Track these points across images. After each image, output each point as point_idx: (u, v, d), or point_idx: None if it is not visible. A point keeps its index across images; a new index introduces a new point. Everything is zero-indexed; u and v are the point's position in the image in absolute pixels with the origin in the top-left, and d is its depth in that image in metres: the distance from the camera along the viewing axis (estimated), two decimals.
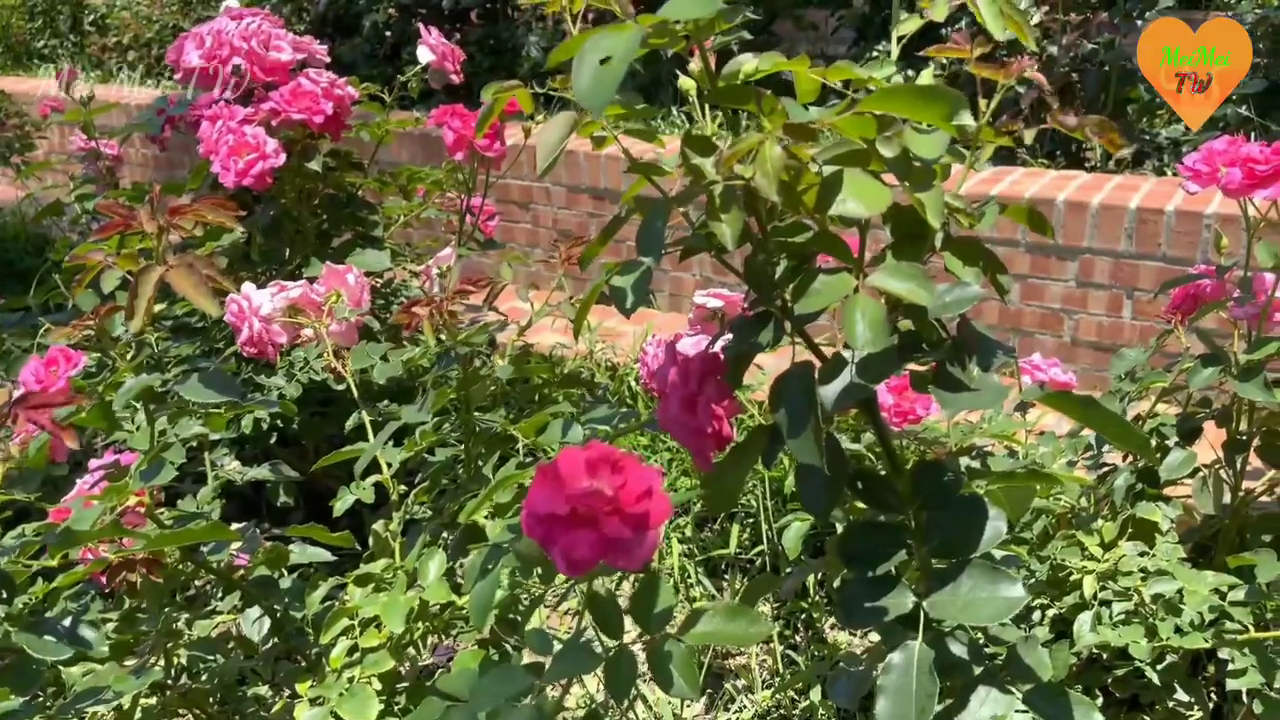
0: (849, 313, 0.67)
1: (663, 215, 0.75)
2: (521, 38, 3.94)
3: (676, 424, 0.80)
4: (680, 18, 0.61)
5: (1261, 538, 1.24)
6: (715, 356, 0.82)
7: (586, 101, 0.58)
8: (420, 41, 1.56)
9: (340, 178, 1.62)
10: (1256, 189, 1.07)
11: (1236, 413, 1.21)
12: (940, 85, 0.65)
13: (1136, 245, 2.37)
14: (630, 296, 0.79)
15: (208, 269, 0.84)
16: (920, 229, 0.76)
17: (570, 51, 0.63)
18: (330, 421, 1.75)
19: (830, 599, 1.62)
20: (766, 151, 0.65)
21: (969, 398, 0.74)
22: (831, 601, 1.62)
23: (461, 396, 0.99)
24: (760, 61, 0.83)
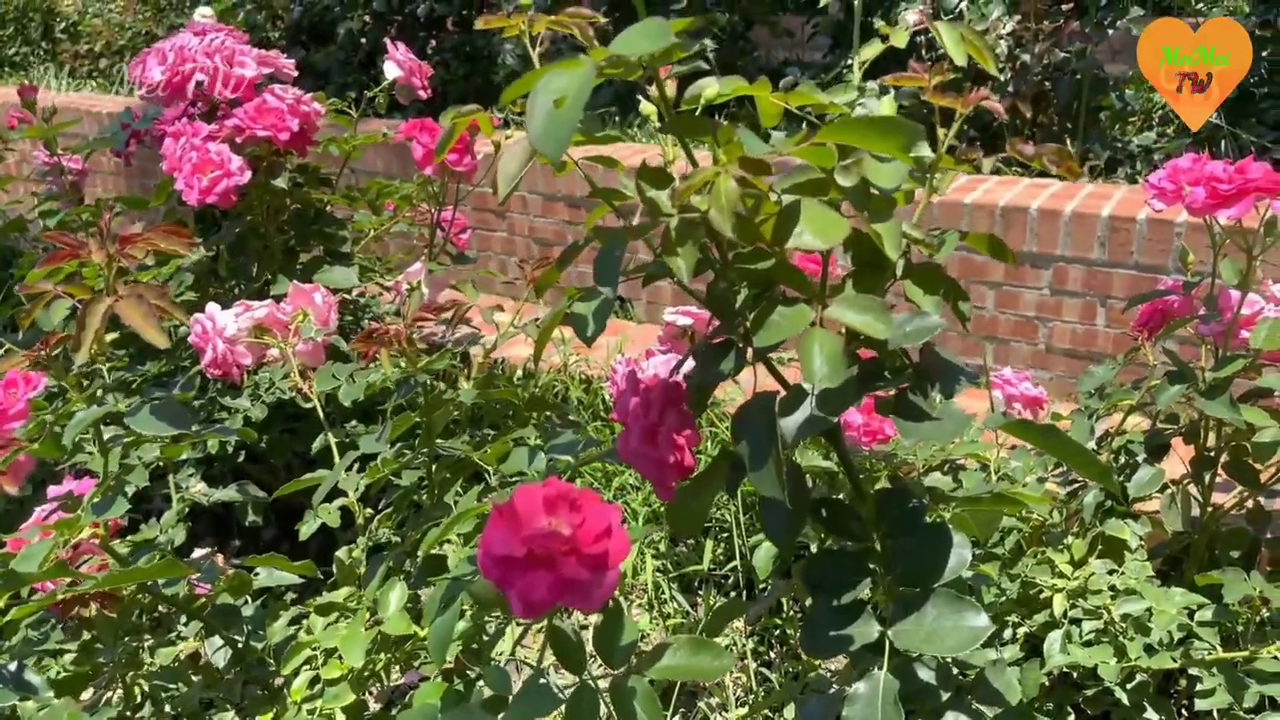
0: (806, 346, 0.66)
1: (620, 245, 0.74)
2: (497, 46, 3.93)
3: (637, 455, 0.79)
4: (631, 53, 0.60)
5: (1230, 553, 1.24)
6: (677, 386, 0.81)
7: (541, 147, 0.57)
8: (387, 57, 1.55)
9: (307, 194, 1.60)
10: (1220, 209, 1.07)
11: (1204, 429, 1.21)
12: (897, 117, 0.65)
13: (1109, 253, 2.38)
14: (591, 324, 0.78)
15: (158, 299, 0.83)
16: (880, 258, 0.75)
17: (524, 88, 0.62)
18: (300, 439, 1.74)
19: (805, 614, 1.62)
20: (721, 185, 0.64)
21: (930, 427, 0.74)
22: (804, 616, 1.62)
23: (424, 422, 0.97)
24: (722, 86, 0.82)
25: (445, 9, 3.97)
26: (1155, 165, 2.96)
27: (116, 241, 0.86)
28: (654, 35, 0.60)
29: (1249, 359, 1.14)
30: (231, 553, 2.06)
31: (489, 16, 0.88)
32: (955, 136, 0.83)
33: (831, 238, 0.67)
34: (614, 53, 0.60)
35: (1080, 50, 2.94)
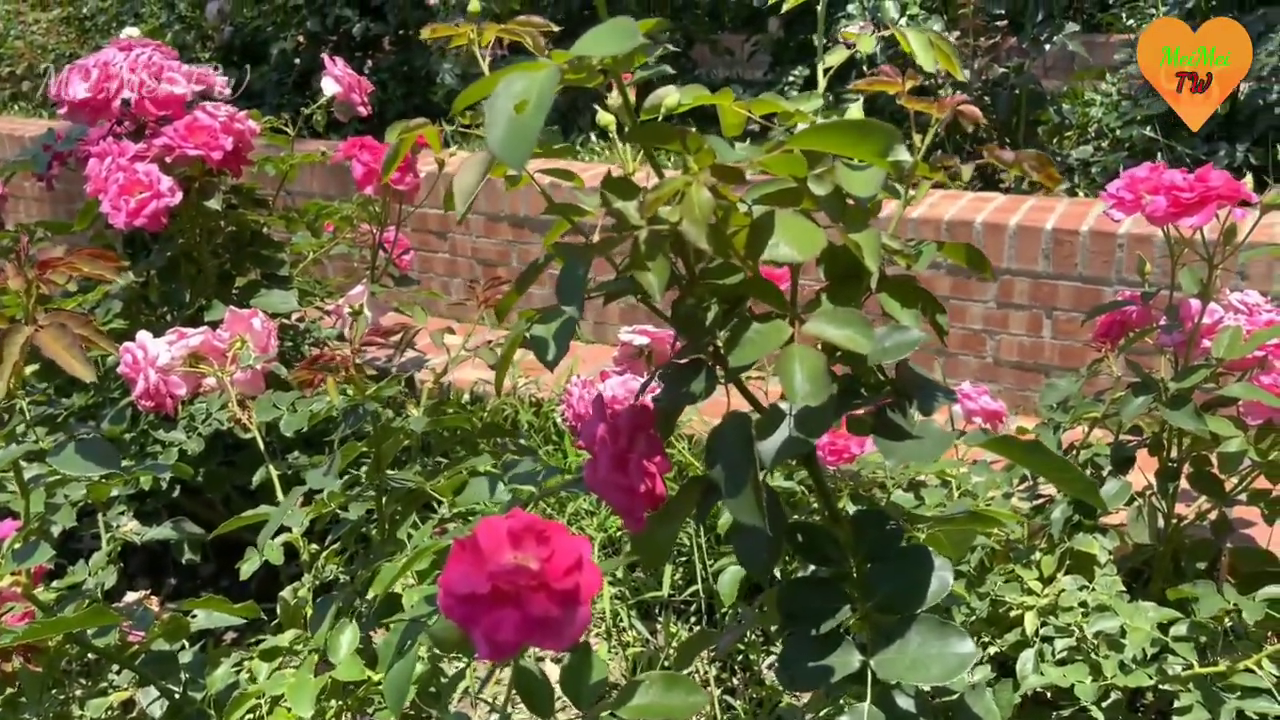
0: (786, 364, 0.63)
1: (584, 263, 0.70)
2: (435, 65, 3.87)
3: (607, 484, 0.75)
4: (596, 54, 0.56)
5: (1197, 564, 1.23)
6: (644, 409, 0.77)
7: (504, 155, 0.53)
8: (324, 73, 1.49)
9: (243, 215, 1.54)
10: (1182, 216, 1.06)
11: (1168, 440, 1.20)
12: (874, 120, 0.61)
13: (1054, 266, 2.39)
14: (552, 347, 0.74)
15: (82, 328, 0.77)
16: (856, 270, 0.72)
17: (481, 93, 0.58)
18: (239, 471, 1.66)
19: (768, 638, 1.58)
20: (694, 195, 0.60)
21: (912, 446, 0.70)
22: (769, 640, 1.58)
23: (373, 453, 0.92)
24: (683, 95, 0.79)
25: (381, 28, 3.91)
26: (1093, 178, 3.00)
27: (35, 266, 0.80)
28: (621, 35, 0.56)
29: (1212, 368, 1.13)
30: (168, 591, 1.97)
31: (436, 25, 0.84)
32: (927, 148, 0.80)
33: (809, 250, 0.63)
34: (578, 53, 0.56)
35: (1018, 66, 2.97)
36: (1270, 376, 1.11)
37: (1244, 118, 2.90)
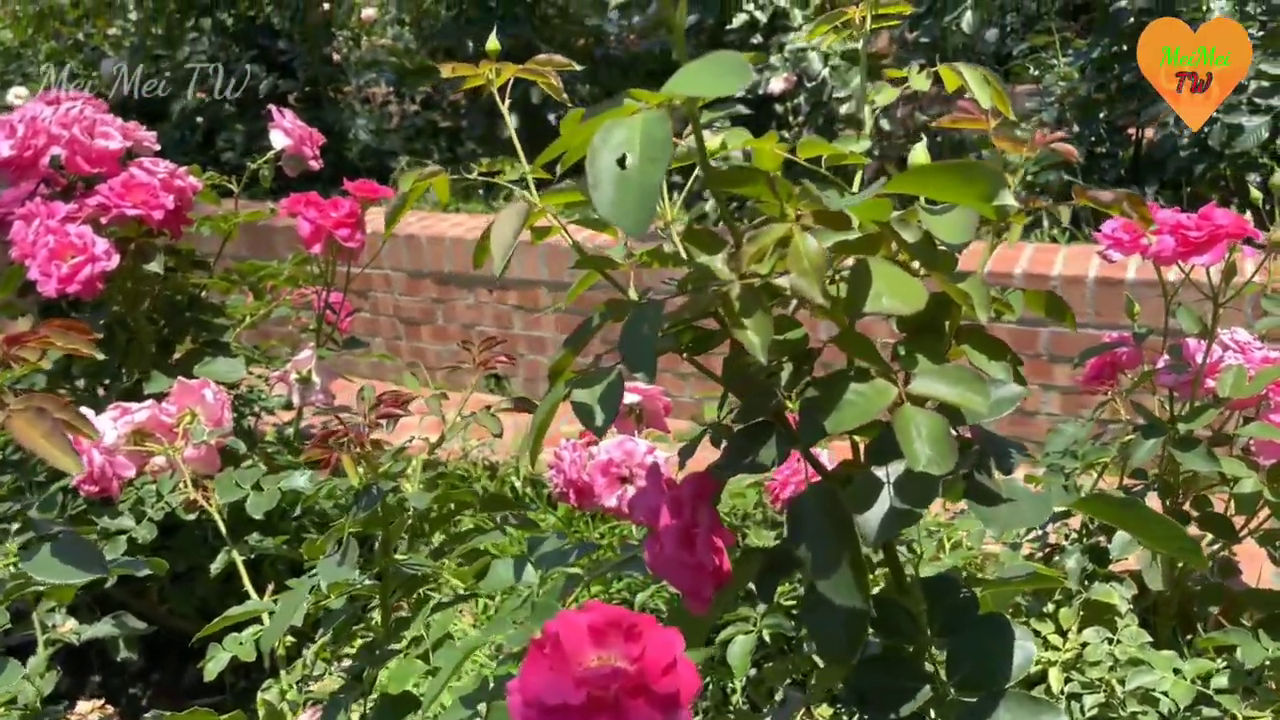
0: (903, 428, 0.57)
1: (650, 319, 0.63)
2: (348, 121, 3.77)
3: (673, 564, 0.68)
4: (702, 94, 0.50)
5: (1208, 608, 1.21)
6: (706, 479, 0.70)
7: (618, 220, 0.46)
8: (272, 125, 1.40)
9: (183, 279, 1.42)
10: (1192, 255, 1.05)
11: (1174, 483, 1.18)
12: (979, 163, 0.57)
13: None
14: (599, 413, 0.67)
15: (62, 411, 0.66)
16: (934, 320, 0.67)
17: (572, 145, 0.51)
18: (177, 554, 1.52)
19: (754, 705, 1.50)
20: (801, 245, 0.54)
21: (1008, 511, 0.65)
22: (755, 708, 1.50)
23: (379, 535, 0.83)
24: (728, 137, 0.73)
25: (290, 84, 3.79)
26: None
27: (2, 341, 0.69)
28: (730, 71, 0.50)
29: (1219, 407, 1.12)
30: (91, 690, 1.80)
31: (455, 65, 0.77)
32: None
33: (914, 301, 0.58)
34: (681, 93, 0.50)
35: (939, 114, 3.03)
36: (1279, 415, 1.10)
37: (1153, 161, 3.00)
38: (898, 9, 0.79)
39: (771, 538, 1.27)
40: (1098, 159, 3.12)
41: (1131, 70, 3.07)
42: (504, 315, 3.02)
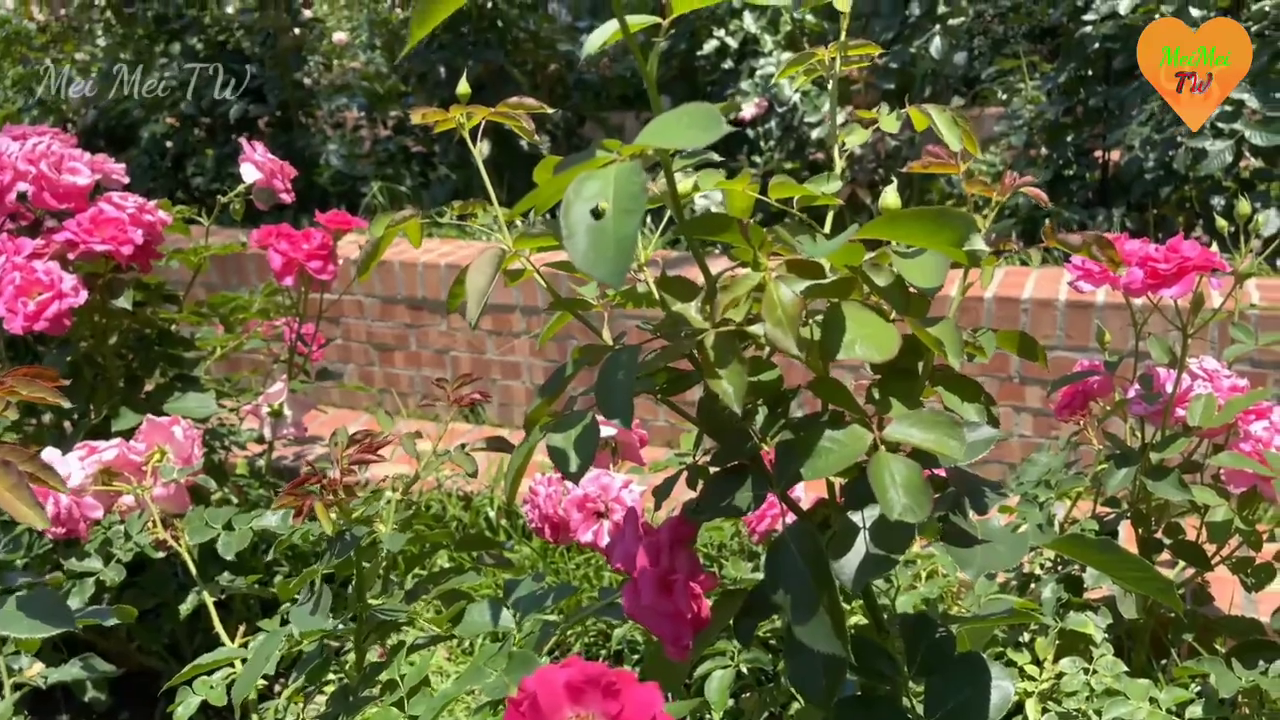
0: (878, 476, 0.57)
1: (625, 366, 0.63)
2: (319, 146, 3.76)
3: (651, 611, 0.67)
4: (674, 145, 0.50)
5: (1183, 636, 1.22)
6: (684, 523, 0.70)
7: (593, 271, 0.45)
8: (242, 158, 1.39)
9: (153, 313, 1.41)
10: (1161, 288, 1.06)
11: (1147, 511, 1.19)
12: (950, 208, 0.57)
13: None
14: (574, 459, 0.67)
15: (29, 464, 0.65)
16: (909, 363, 0.68)
17: (545, 196, 0.51)
18: (144, 593, 1.50)
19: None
20: (776, 295, 0.54)
21: (987, 553, 0.65)
22: None
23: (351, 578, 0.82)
24: (700, 179, 0.73)
25: (260, 110, 3.77)
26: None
27: None
28: (702, 124, 0.50)
29: (1189, 436, 1.13)
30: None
31: (425, 110, 0.77)
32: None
33: (888, 348, 0.58)
34: (649, 145, 0.50)
35: (909, 139, 3.06)
36: (1249, 443, 1.11)
37: (1121, 184, 3.04)
38: (866, 50, 0.79)
39: (749, 569, 1.27)
40: (1066, 181, 3.16)
41: (1097, 94, 3.12)
42: (478, 340, 3.01)
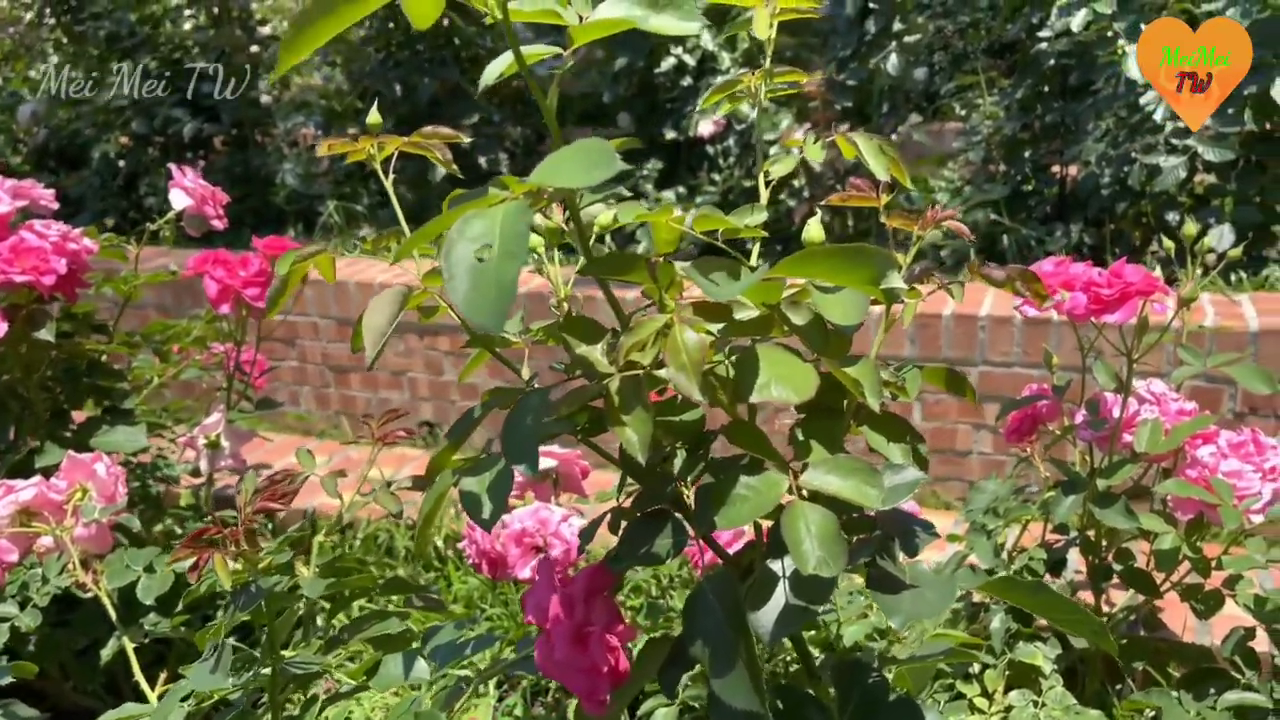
0: (792, 526, 0.54)
1: (534, 410, 0.60)
2: (275, 165, 3.71)
3: (565, 666, 0.64)
4: (568, 185, 0.47)
5: (1133, 664, 1.20)
6: (602, 571, 0.67)
7: (473, 317, 0.43)
8: (172, 184, 1.35)
9: (79, 344, 1.36)
10: (1104, 313, 1.04)
11: (1096, 538, 1.17)
12: (868, 246, 0.55)
13: (920, 349, 2.42)
14: (487, 504, 0.64)
15: None
16: (833, 402, 0.65)
17: (429, 236, 0.48)
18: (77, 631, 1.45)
19: None
20: (680, 339, 0.52)
21: (915, 600, 0.63)
22: None
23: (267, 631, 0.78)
24: (620, 212, 0.71)
25: (215, 128, 3.72)
26: (943, 262, 3.09)
27: None
28: (596, 162, 0.47)
29: (1136, 463, 1.11)
30: None
31: (333, 141, 0.73)
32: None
33: (804, 389, 0.55)
34: (545, 184, 0.47)
35: None
36: (1195, 469, 1.10)
37: (1078, 199, 3.05)
38: (794, 76, 0.77)
39: None
40: (1024, 197, 3.16)
41: (1054, 110, 3.13)
42: (435, 361, 2.97)
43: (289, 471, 0.90)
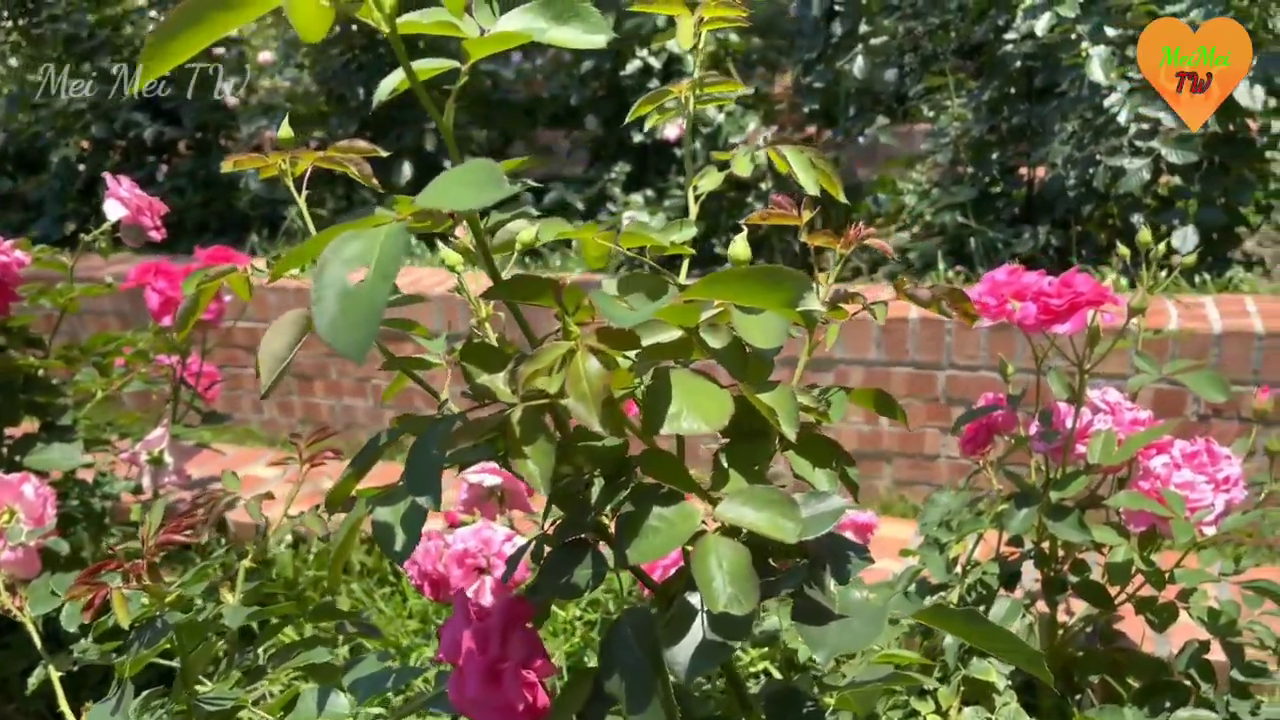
0: (702, 562, 0.52)
1: (439, 441, 0.57)
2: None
3: (478, 705, 0.61)
4: (452, 207, 0.44)
5: (1089, 677, 1.19)
6: (519, 604, 0.64)
7: (337, 343, 0.40)
8: (107, 194, 1.31)
9: (12, 359, 1.32)
10: (1054, 324, 1.02)
11: (1051, 550, 1.16)
12: (784, 268, 0.52)
13: (886, 353, 2.41)
14: (400, 536, 0.61)
15: None
16: (758, 427, 0.63)
17: (306, 257, 0.45)
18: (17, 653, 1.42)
19: None
20: (581, 367, 0.49)
21: (842, 632, 0.60)
22: None
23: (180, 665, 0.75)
24: (541, 230, 0.68)
25: (176, 132, 3.67)
26: (910, 264, 3.08)
27: None
28: (483, 183, 0.45)
29: (1089, 474, 1.10)
30: None
31: (239, 157, 0.71)
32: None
33: (717, 419, 0.53)
34: (429, 205, 0.45)
35: (834, 159, 3.03)
36: (1148, 481, 1.08)
37: (1045, 201, 3.04)
38: (726, 87, 0.75)
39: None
40: (992, 199, 3.16)
41: (1020, 112, 3.12)
42: None
43: (212, 496, 0.87)
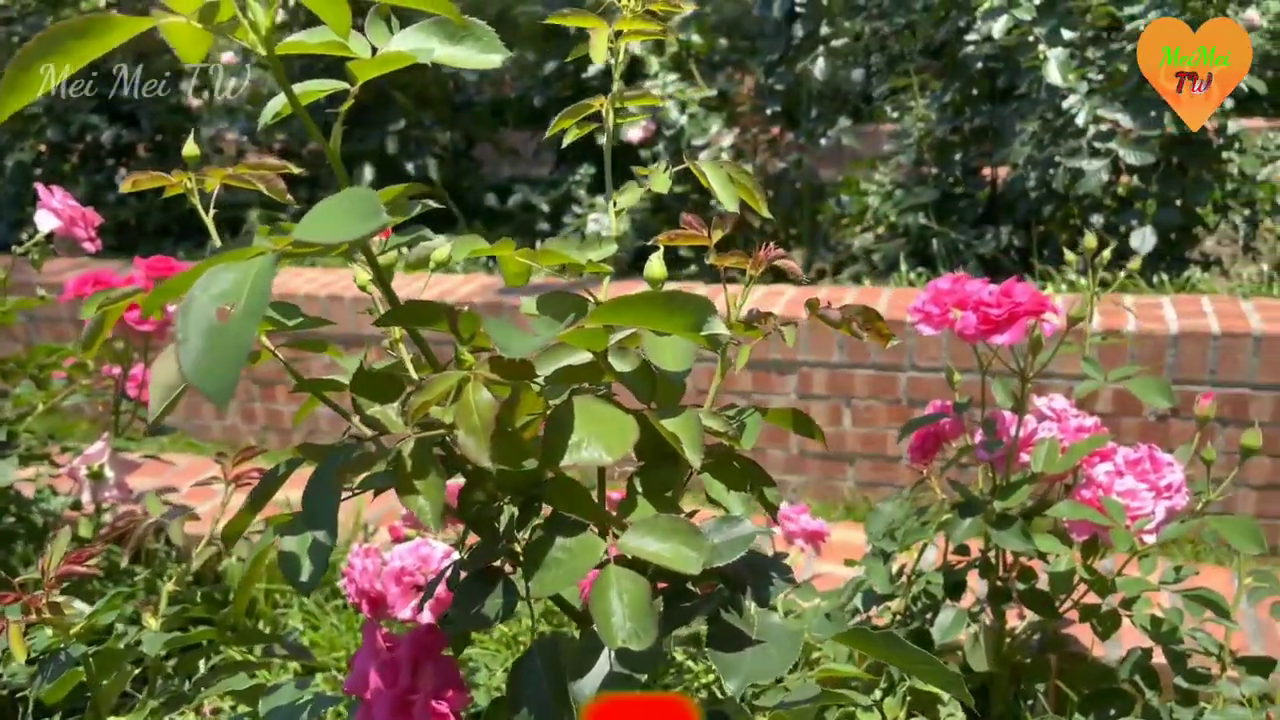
0: (601, 597, 0.50)
1: (335, 473, 0.55)
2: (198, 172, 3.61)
3: None
4: (325, 240, 0.43)
5: (1036, 685, 1.18)
6: (431, 633, 0.63)
7: (200, 383, 0.38)
8: (39, 204, 1.28)
9: None
10: (993, 334, 1.02)
11: (997, 559, 1.15)
12: (685, 293, 0.51)
13: (848, 355, 2.40)
14: (306, 566, 0.59)
15: None
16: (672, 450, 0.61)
17: (175, 292, 0.43)
18: None
19: None
20: (472, 398, 0.48)
21: (757, 660, 0.59)
22: None
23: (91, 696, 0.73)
24: (455, 249, 0.66)
25: (135, 135, 3.62)
26: (875, 266, 3.08)
27: None
28: (359, 214, 0.43)
29: (1032, 483, 1.09)
30: None
31: (138, 176, 0.69)
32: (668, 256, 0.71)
33: (619, 447, 0.52)
34: (302, 239, 0.43)
35: (797, 161, 3.03)
36: (1090, 490, 1.08)
37: (1006, 203, 3.05)
38: (646, 101, 0.73)
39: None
40: (955, 200, 3.16)
41: (982, 113, 3.13)
42: None
43: (134, 518, 0.85)
